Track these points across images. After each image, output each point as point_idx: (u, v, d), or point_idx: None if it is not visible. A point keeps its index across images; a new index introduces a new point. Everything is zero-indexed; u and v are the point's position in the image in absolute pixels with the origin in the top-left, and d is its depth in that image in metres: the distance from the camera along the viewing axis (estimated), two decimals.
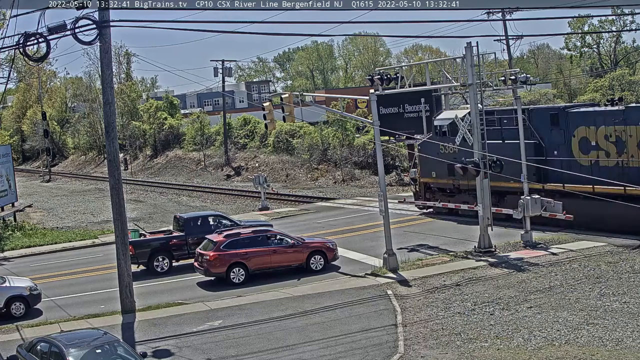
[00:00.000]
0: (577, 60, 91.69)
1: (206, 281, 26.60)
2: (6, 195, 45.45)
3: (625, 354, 16.37)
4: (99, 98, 78.09)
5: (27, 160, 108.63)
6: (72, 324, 21.81)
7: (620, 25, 77.87)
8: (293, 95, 28.60)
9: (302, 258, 26.68)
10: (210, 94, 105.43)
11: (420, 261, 26.62)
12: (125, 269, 22.74)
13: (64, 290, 26.97)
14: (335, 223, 36.61)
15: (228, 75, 75.49)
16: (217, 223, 29.81)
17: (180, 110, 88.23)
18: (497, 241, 27.63)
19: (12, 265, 32.58)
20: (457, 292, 22.45)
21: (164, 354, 18.89)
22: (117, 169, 23.07)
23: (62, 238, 38.34)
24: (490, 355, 17.09)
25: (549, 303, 20.48)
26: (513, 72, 28.68)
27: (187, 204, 50.88)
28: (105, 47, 22.05)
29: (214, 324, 21.14)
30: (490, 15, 56.29)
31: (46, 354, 16.39)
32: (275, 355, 18.27)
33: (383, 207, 25.99)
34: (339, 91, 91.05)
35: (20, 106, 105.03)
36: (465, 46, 26.69)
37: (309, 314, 21.38)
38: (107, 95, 22.69)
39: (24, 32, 20.79)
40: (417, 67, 55.61)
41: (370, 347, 18.20)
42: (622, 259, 24.27)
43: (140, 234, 29.77)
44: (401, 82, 28.63)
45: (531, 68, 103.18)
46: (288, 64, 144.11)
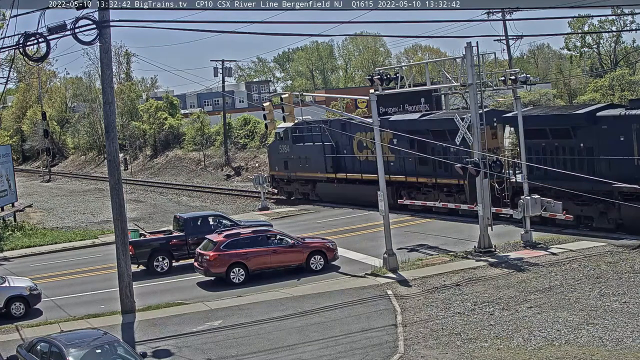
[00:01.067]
0: (577, 60, 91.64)
1: (206, 281, 26.60)
2: (6, 195, 45.45)
3: (625, 354, 16.38)
4: (99, 98, 78.04)
5: (27, 160, 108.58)
6: (72, 324, 21.82)
7: (620, 25, 77.84)
8: (293, 95, 28.59)
9: (302, 258, 26.68)
10: (210, 94, 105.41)
11: (420, 261, 26.62)
12: (125, 269, 22.74)
13: (64, 290, 26.97)
14: (335, 223, 36.61)
15: (228, 75, 75.44)
16: (217, 223, 29.80)
17: (180, 110, 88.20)
18: (497, 241, 27.63)
19: (12, 265, 32.58)
20: (457, 292, 22.46)
21: (164, 354, 18.89)
22: (117, 169, 23.07)
23: (62, 238, 38.34)
24: (490, 355, 17.09)
25: (549, 303, 20.48)
26: (513, 72, 28.70)
27: (187, 204, 50.87)
28: (105, 47, 22.05)
29: (214, 324, 21.15)
30: (490, 15, 56.29)
31: (46, 354, 16.39)
32: (275, 355, 18.27)
33: (383, 207, 25.99)
34: (339, 91, 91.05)
35: (20, 106, 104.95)
36: (465, 46, 26.68)
37: (309, 314, 21.39)
38: (107, 95, 22.69)
39: (24, 32, 20.79)
40: (417, 67, 55.72)
41: (370, 347, 18.20)
42: (622, 259, 24.26)
43: (140, 234, 29.76)
44: (401, 82, 28.63)
45: (531, 68, 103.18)
46: (288, 64, 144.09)
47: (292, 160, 44.60)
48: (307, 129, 43.49)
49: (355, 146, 39.93)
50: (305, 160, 43.51)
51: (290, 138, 44.38)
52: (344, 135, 40.06)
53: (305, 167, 43.56)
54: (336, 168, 41.29)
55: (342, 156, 40.99)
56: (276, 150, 46.49)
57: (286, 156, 44.95)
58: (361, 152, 39.64)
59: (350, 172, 40.25)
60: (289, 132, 43.97)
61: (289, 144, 44.43)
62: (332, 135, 41.46)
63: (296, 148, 44.03)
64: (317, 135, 42.54)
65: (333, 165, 41.30)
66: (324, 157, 41.66)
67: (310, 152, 42.43)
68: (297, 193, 45.54)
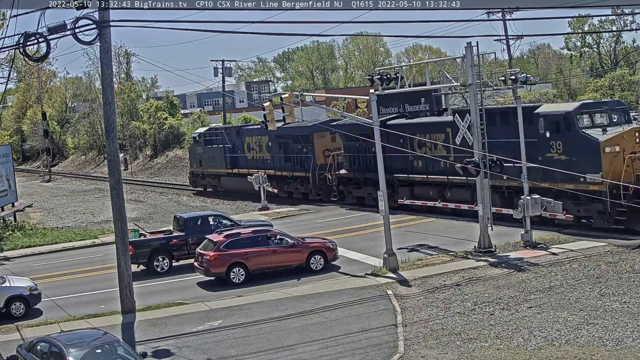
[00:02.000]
0: (577, 60, 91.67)
1: (206, 281, 26.60)
2: (6, 195, 45.41)
3: (625, 354, 16.38)
4: (99, 98, 77.95)
5: (27, 160, 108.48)
6: (72, 324, 21.82)
7: (620, 25, 77.86)
8: (293, 95, 28.58)
9: (302, 258, 26.68)
10: (210, 94, 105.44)
11: (420, 261, 26.62)
12: (125, 269, 22.74)
13: (64, 290, 26.97)
14: (335, 223, 36.61)
15: (228, 75, 75.49)
16: (217, 223, 29.80)
17: (180, 110, 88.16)
18: (497, 241, 27.62)
19: (13, 265, 32.60)
20: (457, 292, 22.45)
21: (164, 354, 18.90)
22: (117, 169, 23.07)
23: (62, 238, 38.34)
24: (490, 355, 17.09)
25: (549, 303, 20.48)
26: (513, 72, 28.68)
27: (187, 204, 50.84)
28: (105, 47, 22.05)
29: (214, 324, 21.15)
30: (490, 15, 56.33)
31: (46, 354, 16.39)
32: (275, 355, 18.27)
33: (383, 207, 25.99)
34: (339, 91, 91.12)
35: (20, 106, 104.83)
36: (465, 46, 26.67)
37: (309, 314, 21.39)
38: (107, 95, 22.69)
39: (24, 32, 20.80)
40: (417, 67, 55.63)
41: (370, 347, 18.20)
42: (622, 259, 24.26)
43: (140, 234, 29.75)
44: (401, 82, 28.62)
45: (531, 68, 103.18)
46: (288, 64, 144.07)
47: (204, 159, 53.78)
48: (214, 134, 53.55)
49: (246, 148, 49.44)
50: (213, 159, 52.63)
51: (203, 141, 53.60)
52: (239, 139, 50.07)
53: (213, 164, 52.76)
54: (233, 165, 50.63)
55: (237, 155, 50.33)
56: (194, 151, 56.12)
57: (200, 156, 54.07)
58: (249, 152, 49.25)
59: (243, 168, 49.45)
60: (202, 136, 54.01)
61: (202, 146, 53.77)
62: (230, 138, 51.04)
63: (207, 149, 53.31)
64: (220, 139, 52.22)
65: (231, 162, 50.73)
66: (225, 157, 51.00)
67: (216, 152, 51.94)
68: (210, 185, 54.43)
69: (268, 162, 47.01)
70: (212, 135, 53.67)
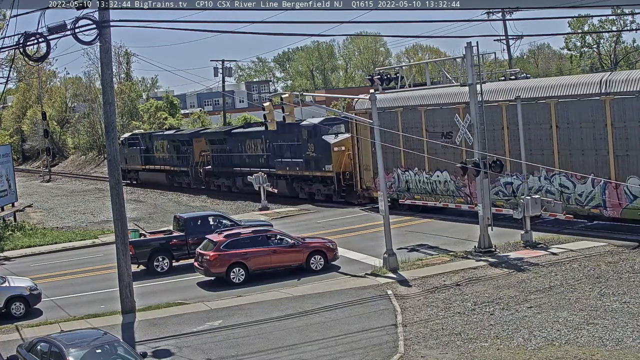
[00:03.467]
0: (577, 60, 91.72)
1: (206, 281, 26.61)
2: (6, 195, 45.41)
3: (625, 354, 16.37)
4: (99, 98, 77.87)
5: (27, 160, 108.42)
6: (72, 324, 21.83)
7: (620, 25, 77.90)
8: (293, 95, 28.57)
9: (302, 258, 26.68)
10: (210, 94, 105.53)
11: (420, 261, 26.62)
12: (125, 269, 22.75)
13: (64, 290, 26.99)
14: (335, 223, 36.61)
15: (228, 75, 75.54)
16: (217, 223, 29.79)
17: (180, 110, 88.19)
18: (497, 241, 27.63)
19: (13, 265, 32.61)
20: (457, 292, 22.46)
21: (164, 354, 18.90)
22: (117, 169, 23.08)
23: (62, 238, 38.34)
24: (490, 355, 17.09)
25: (549, 303, 20.48)
26: (513, 72, 28.75)
27: (187, 204, 50.82)
28: (105, 47, 22.05)
29: (214, 324, 21.16)
30: (490, 15, 56.35)
31: (46, 354, 16.39)
32: (275, 355, 18.28)
33: (383, 207, 25.99)
34: (339, 91, 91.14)
35: (20, 106, 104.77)
36: (465, 46, 26.65)
37: (309, 314, 21.39)
38: (107, 95, 22.70)
39: (24, 32, 20.81)
40: (417, 67, 55.70)
41: (370, 347, 18.20)
42: (622, 259, 24.26)
43: (140, 234, 29.76)
44: (401, 82, 28.63)
45: (531, 68, 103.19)
46: (288, 64, 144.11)
47: (129, 157, 65.27)
48: (133, 138, 65.76)
49: (154, 149, 62.25)
50: (133, 157, 65.19)
51: (127, 144, 65.08)
52: (150, 142, 63.05)
53: (133, 161, 65.40)
54: (146, 162, 63.68)
55: (149, 155, 63.10)
56: (122, 151, 63.46)
57: (126, 155, 64.66)
58: (157, 152, 62.04)
59: (152, 164, 63.01)
60: (125, 140, 65.58)
61: (126, 148, 64.55)
62: (144, 142, 63.81)
63: (129, 150, 65.08)
64: (137, 142, 64.41)
65: (145, 161, 63.81)
66: (140, 156, 63.80)
67: (134, 152, 64.69)
68: (132, 179, 66.66)
69: (167, 160, 60.45)
70: (132, 140, 66.05)
